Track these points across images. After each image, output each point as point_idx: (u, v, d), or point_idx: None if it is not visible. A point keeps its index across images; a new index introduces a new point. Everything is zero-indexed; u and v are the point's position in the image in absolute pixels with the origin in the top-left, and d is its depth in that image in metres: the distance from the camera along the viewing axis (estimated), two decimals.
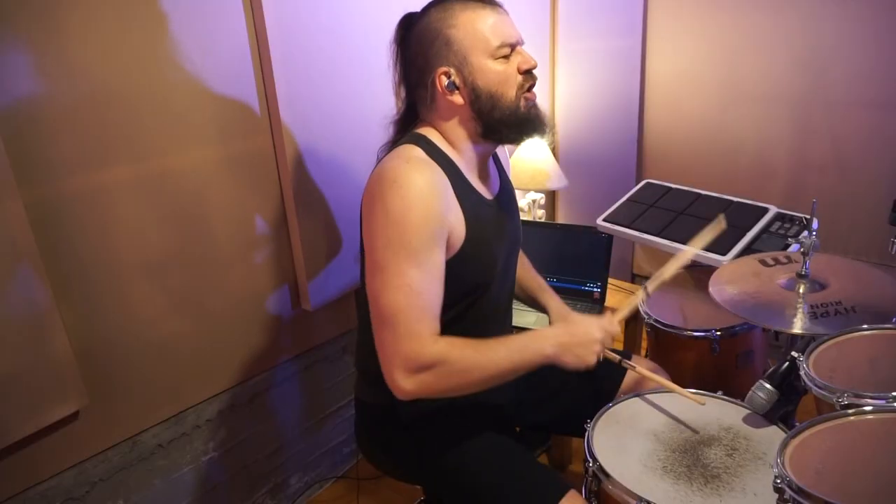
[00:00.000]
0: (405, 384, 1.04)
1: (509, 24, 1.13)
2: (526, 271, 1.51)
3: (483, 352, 1.08)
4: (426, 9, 1.14)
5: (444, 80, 1.11)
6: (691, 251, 1.36)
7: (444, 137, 1.17)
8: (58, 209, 1.26)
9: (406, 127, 1.23)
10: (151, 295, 1.44)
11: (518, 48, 1.14)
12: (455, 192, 1.12)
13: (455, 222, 1.11)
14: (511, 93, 1.13)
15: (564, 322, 1.18)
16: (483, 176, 1.24)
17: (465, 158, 1.18)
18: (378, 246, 1.06)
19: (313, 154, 1.65)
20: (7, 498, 1.30)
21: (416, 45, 1.14)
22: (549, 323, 1.42)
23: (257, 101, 1.54)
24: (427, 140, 1.15)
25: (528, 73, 1.14)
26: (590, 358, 1.14)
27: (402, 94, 1.22)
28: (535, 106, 1.16)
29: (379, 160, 1.17)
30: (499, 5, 1.14)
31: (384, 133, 1.26)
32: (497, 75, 1.11)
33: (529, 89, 1.15)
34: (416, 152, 1.12)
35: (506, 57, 1.12)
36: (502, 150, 1.45)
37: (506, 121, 1.14)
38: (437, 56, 1.11)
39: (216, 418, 1.67)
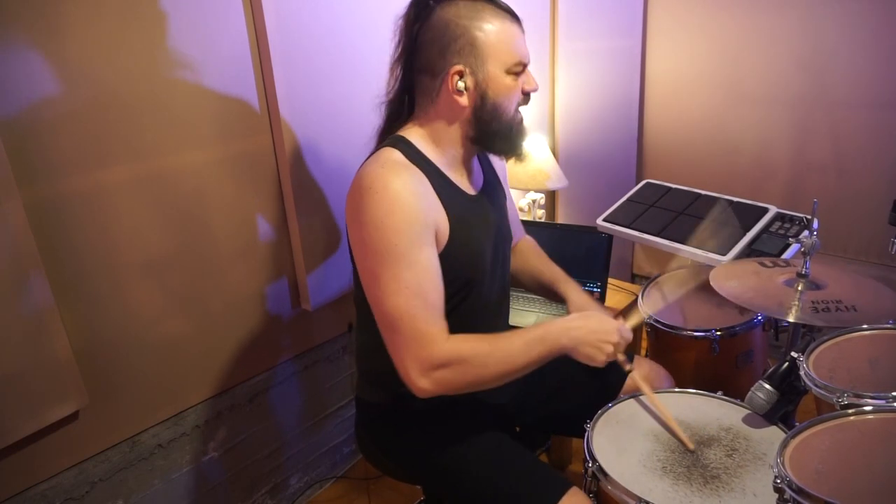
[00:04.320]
0: (423, 384, 1.05)
1: (524, 43, 1.16)
2: (541, 262, 1.49)
3: (499, 346, 1.09)
4: (441, 3, 1.12)
5: (456, 79, 1.11)
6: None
7: (429, 135, 1.17)
8: (58, 209, 1.26)
9: (397, 111, 1.22)
10: (151, 295, 1.44)
11: (527, 68, 1.17)
12: (436, 192, 1.13)
13: (438, 220, 1.12)
14: (511, 109, 1.16)
15: (583, 315, 1.18)
16: (466, 171, 1.24)
17: (447, 156, 1.19)
18: (367, 255, 1.07)
19: (313, 154, 1.65)
20: (7, 498, 1.30)
21: (437, 34, 1.11)
22: (567, 314, 1.40)
23: (257, 100, 1.54)
24: (406, 142, 1.16)
25: (527, 96, 1.18)
26: (599, 357, 1.14)
27: (399, 73, 1.19)
28: (522, 122, 1.20)
29: (370, 154, 1.18)
30: (519, 22, 1.16)
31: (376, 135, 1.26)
32: (507, 89, 1.13)
33: (519, 109, 1.19)
34: (394, 155, 1.12)
35: (517, 74, 1.14)
36: None
37: (501, 133, 1.17)
38: (458, 53, 1.11)
39: (216, 418, 1.67)
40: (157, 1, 1.32)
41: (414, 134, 1.17)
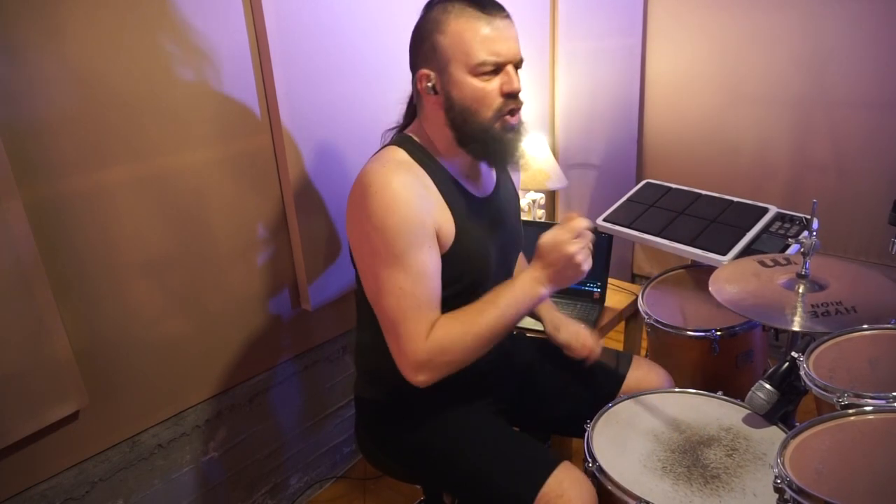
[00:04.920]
0: (416, 378, 1.09)
1: (504, 39, 1.07)
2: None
3: (473, 321, 1.09)
4: (432, 4, 1.12)
5: (425, 83, 1.12)
6: None
7: (430, 135, 1.17)
8: (58, 209, 1.26)
9: (408, 114, 1.25)
10: (151, 295, 1.44)
11: (507, 68, 1.08)
12: (440, 192, 1.13)
13: (442, 221, 1.12)
14: (486, 112, 1.09)
15: (538, 258, 1.12)
16: (474, 174, 1.23)
17: (452, 158, 1.18)
18: (366, 254, 1.09)
19: (313, 154, 1.65)
20: (7, 498, 1.30)
21: (413, 40, 1.14)
22: (545, 331, 1.42)
23: (257, 101, 1.54)
24: (412, 141, 1.16)
25: (510, 97, 1.09)
26: (583, 268, 1.09)
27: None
28: (513, 130, 1.13)
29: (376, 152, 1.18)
30: (501, 17, 1.08)
31: (384, 131, 1.27)
32: (473, 91, 1.08)
33: (512, 113, 1.11)
34: (398, 154, 1.13)
35: (488, 74, 1.07)
36: None
37: (475, 136, 1.11)
38: (424, 57, 1.11)
39: (216, 418, 1.67)
40: (157, 1, 1.32)
41: (419, 133, 1.18)
